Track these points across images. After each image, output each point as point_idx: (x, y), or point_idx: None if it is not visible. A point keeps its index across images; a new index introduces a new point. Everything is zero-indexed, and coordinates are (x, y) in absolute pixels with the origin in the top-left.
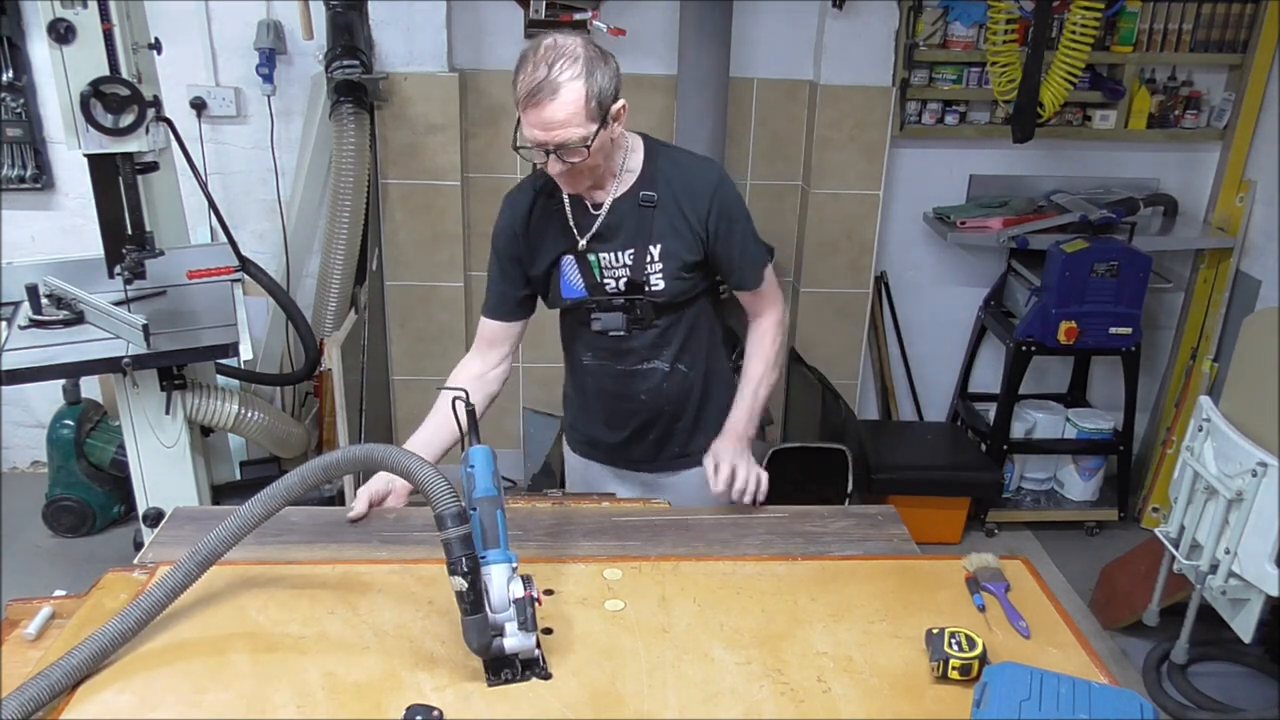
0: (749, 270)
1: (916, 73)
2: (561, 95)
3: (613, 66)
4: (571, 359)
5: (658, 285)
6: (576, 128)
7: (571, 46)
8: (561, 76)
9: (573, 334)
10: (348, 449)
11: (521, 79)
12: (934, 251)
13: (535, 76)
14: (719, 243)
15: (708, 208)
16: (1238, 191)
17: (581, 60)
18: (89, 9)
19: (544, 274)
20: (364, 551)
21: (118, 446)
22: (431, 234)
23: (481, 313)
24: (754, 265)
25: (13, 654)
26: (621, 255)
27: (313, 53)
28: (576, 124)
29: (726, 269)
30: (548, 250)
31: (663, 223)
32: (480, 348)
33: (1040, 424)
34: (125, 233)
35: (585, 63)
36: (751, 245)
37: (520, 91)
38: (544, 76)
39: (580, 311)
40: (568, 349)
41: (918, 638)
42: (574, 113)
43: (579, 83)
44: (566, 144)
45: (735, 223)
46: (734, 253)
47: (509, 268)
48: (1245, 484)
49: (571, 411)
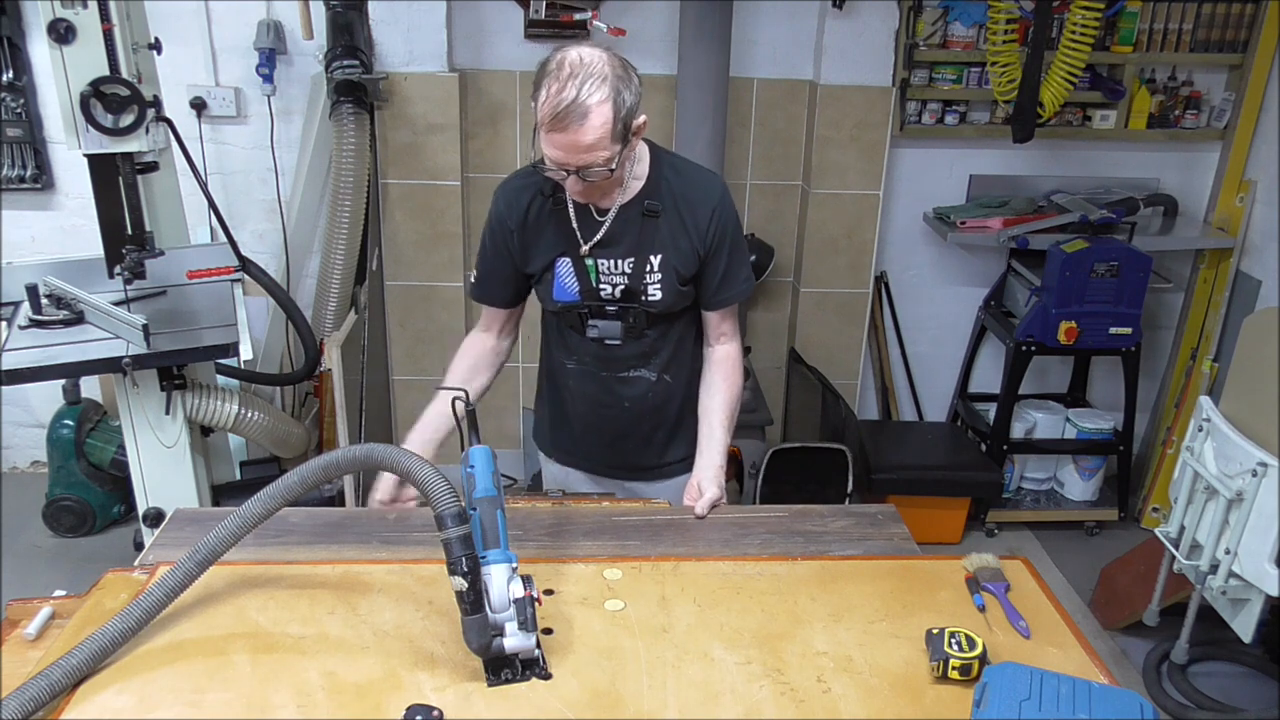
0: (731, 290)
1: (916, 73)
2: (590, 120)
3: (635, 82)
4: (551, 362)
5: (655, 295)
6: (602, 150)
7: (599, 64)
8: (590, 99)
9: (559, 337)
10: (347, 449)
11: (545, 98)
12: (934, 251)
13: (562, 98)
14: (711, 257)
15: (709, 221)
16: (1238, 191)
17: (609, 80)
18: (89, 9)
19: (537, 273)
20: (364, 551)
21: (118, 446)
22: (431, 234)
23: (472, 297)
24: (737, 287)
25: (13, 654)
26: (621, 263)
27: (313, 53)
28: (602, 147)
29: (709, 284)
30: (544, 250)
31: (664, 233)
32: (487, 322)
33: (1040, 424)
34: (125, 233)
35: (613, 82)
36: (739, 268)
37: (544, 112)
38: (572, 99)
39: (571, 315)
40: (549, 352)
41: (918, 638)
42: (601, 136)
43: (607, 106)
44: (590, 165)
45: (731, 240)
46: (721, 270)
47: (500, 261)
48: (1245, 484)
49: (546, 418)
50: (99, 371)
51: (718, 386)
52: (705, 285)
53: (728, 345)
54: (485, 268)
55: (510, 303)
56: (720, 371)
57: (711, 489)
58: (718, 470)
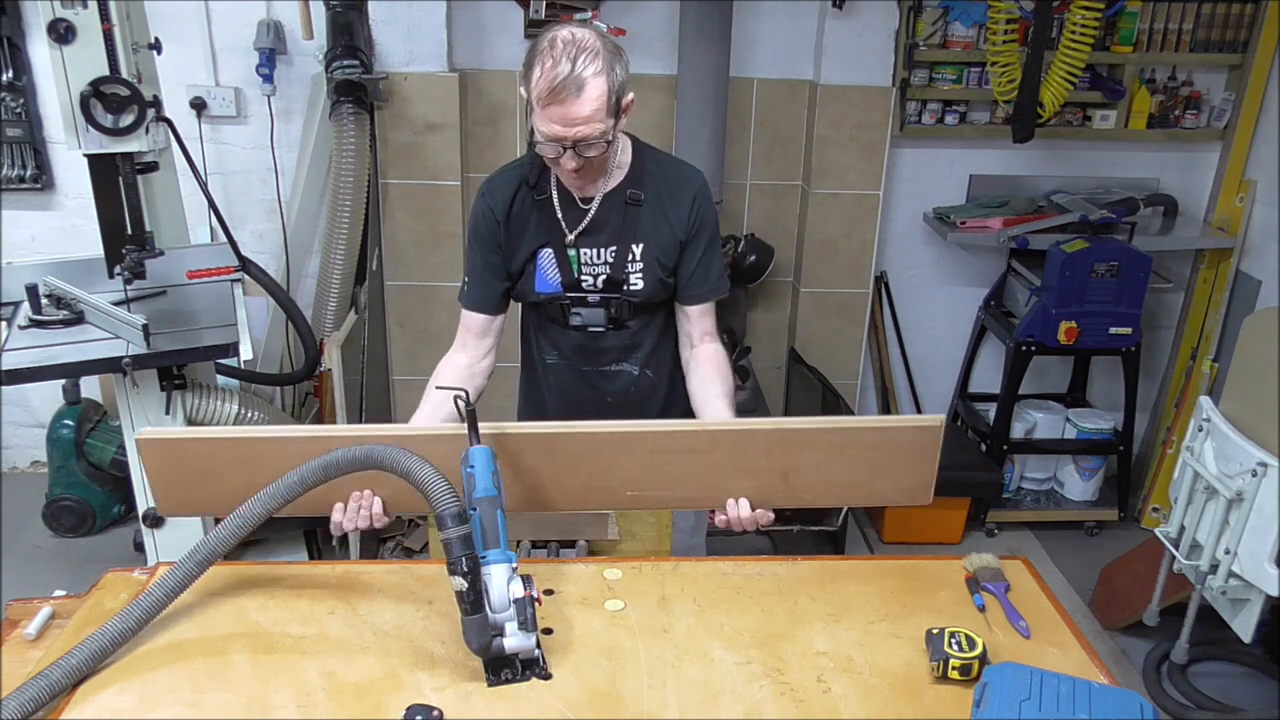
0: (708, 283)
1: (916, 73)
2: (586, 91)
3: (625, 59)
4: (532, 358)
5: (637, 285)
6: (598, 123)
7: (590, 40)
8: (586, 72)
9: (539, 331)
10: (347, 449)
11: (540, 73)
12: (934, 251)
13: (558, 72)
14: (690, 244)
15: (690, 208)
16: (1238, 191)
17: (602, 54)
18: (89, 9)
19: (519, 267)
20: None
21: (118, 446)
22: (431, 234)
23: (463, 305)
24: (713, 280)
25: (13, 654)
26: (604, 252)
27: (313, 53)
28: (598, 119)
29: (685, 272)
30: (527, 242)
31: (647, 222)
32: (465, 340)
33: (1040, 424)
34: (125, 233)
35: (605, 57)
36: (716, 261)
37: (540, 87)
38: (568, 72)
39: (553, 307)
40: (529, 347)
41: (918, 638)
42: (597, 109)
43: (602, 78)
44: (587, 139)
45: (710, 232)
46: (698, 258)
47: (491, 257)
48: (1245, 484)
49: (526, 416)
50: (99, 371)
51: (712, 377)
52: (682, 274)
53: (713, 343)
54: (476, 270)
55: (501, 305)
56: (712, 364)
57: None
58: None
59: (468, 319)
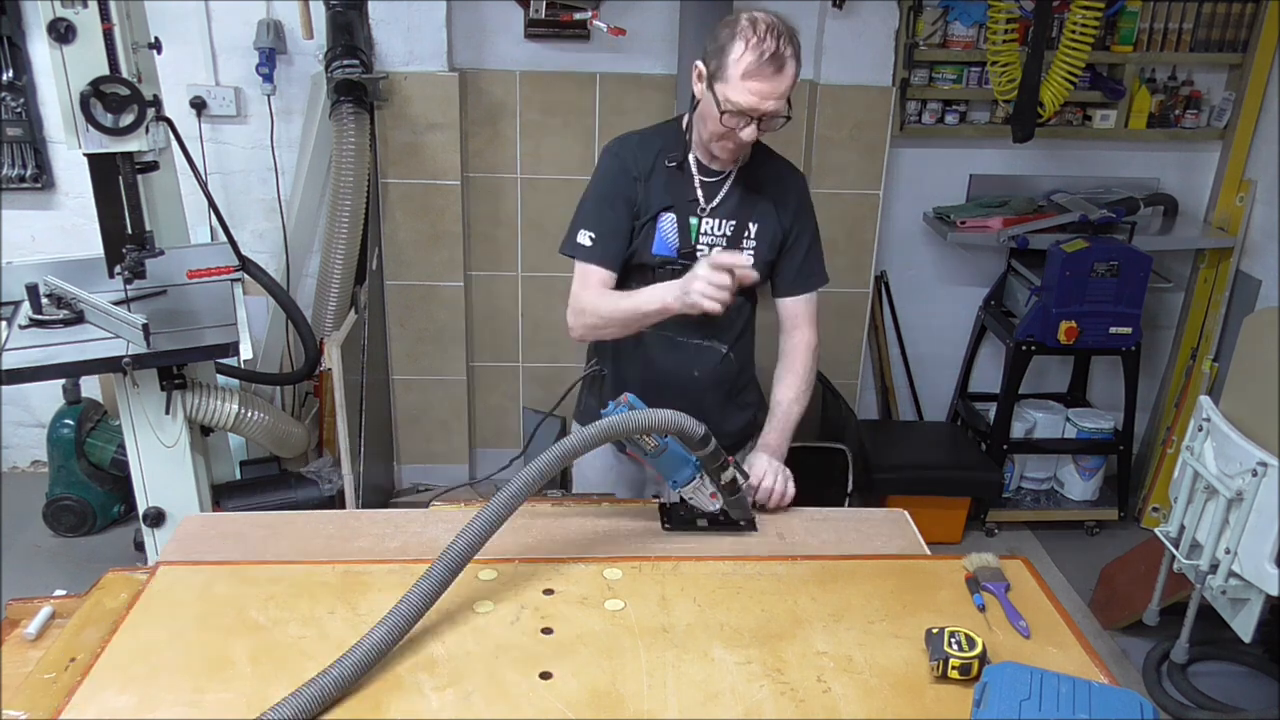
0: (809, 276)
1: (916, 72)
2: (787, 69)
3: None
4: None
5: (748, 261)
6: (785, 101)
7: (787, 25)
8: (787, 52)
9: None
10: (580, 433)
11: (745, 48)
12: (934, 251)
13: (765, 48)
14: (793, 241)
15: (795, 204)
16: (1238, 191)
17: (795, 40)
18: (89, 9)
19: (640, 227)
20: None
21: (118, 446)
22: (431, 234)
23: (591, 261)
24: (814, 272)
25: (13, 654)
26: (724, 224)
27: (313, 52)
28: (788, 97)
29: (788, 267)
30: (655, 203)
31: (762, 205)
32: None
33: (1040, 424)
34: (125, 232)
35: (798, 43)
36: (817, 254)
37: (747, 60)
38: (774, 49)
39: (666, 271)
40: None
41: (918, 638)
42: (790, 86)
43: (795, 61)
44: (776, 113)
45: (811, 227)
46: (801, 253)
47: (621, 214)
48: (1245, 484)
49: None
50: (99, 371)
51: (786, 371)
52: (787, 267)
53: (805, 332)
54: (605, 226)
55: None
56: (790, 360)
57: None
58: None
59: (598, 274)
